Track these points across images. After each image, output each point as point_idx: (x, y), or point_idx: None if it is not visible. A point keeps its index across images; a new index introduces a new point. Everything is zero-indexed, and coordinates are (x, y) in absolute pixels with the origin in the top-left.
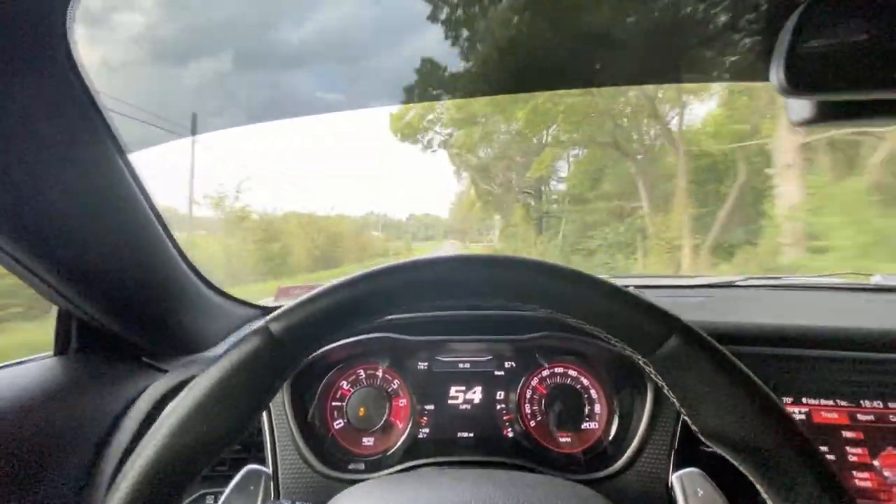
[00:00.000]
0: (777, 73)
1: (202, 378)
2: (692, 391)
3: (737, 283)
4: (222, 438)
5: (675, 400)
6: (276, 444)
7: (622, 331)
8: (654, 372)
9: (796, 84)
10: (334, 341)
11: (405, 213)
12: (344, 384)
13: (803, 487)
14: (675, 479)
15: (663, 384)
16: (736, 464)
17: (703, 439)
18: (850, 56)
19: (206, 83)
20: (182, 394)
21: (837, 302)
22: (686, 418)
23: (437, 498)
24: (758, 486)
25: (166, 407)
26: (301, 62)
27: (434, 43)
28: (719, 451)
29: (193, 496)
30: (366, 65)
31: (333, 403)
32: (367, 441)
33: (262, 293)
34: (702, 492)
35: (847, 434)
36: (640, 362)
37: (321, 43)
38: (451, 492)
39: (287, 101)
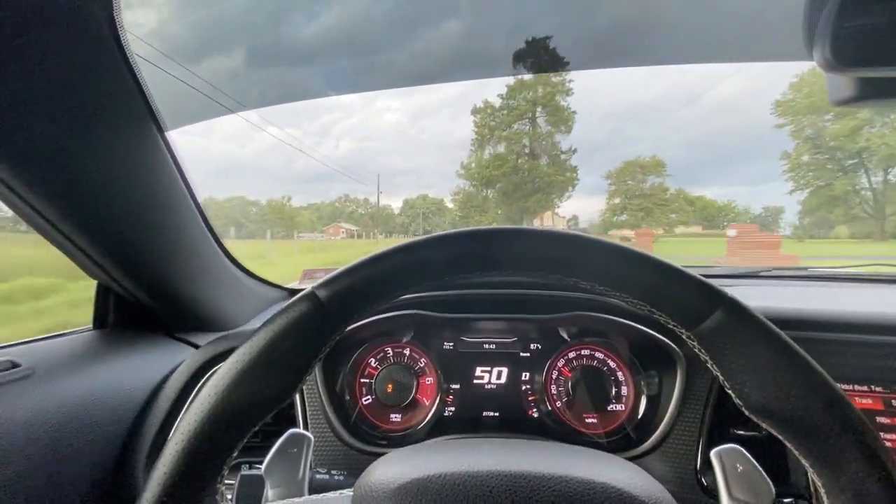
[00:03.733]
0: (822, 49)
1: (251, 341)
2: (737, 365)
3: (760, 274)
4: (271, 400)
5: (718, 374)
6: (308, 417)
7: (666, 305)
8: (697, 346)
9: (841, 59)
10: (378, 308)
11: (398, 198)
12: (372, 361)
13: (850, 463)
14: (713, 454)
15: (707, 358)
16: (782, 439)
17: (748, 414)
18: None
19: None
20: (232, 356)
21: (867, 292)
22: (730, 393)
23: (472, 463)
24: (803, 461)
25: (200, 381)
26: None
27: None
28: (765, 425)
29: (232, 464)
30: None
31: (362, 380)
32: (395, 417)
33: None
34: (741, 467)
35: (882, 420)
36: (684, 336)
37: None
38: (488, 457)
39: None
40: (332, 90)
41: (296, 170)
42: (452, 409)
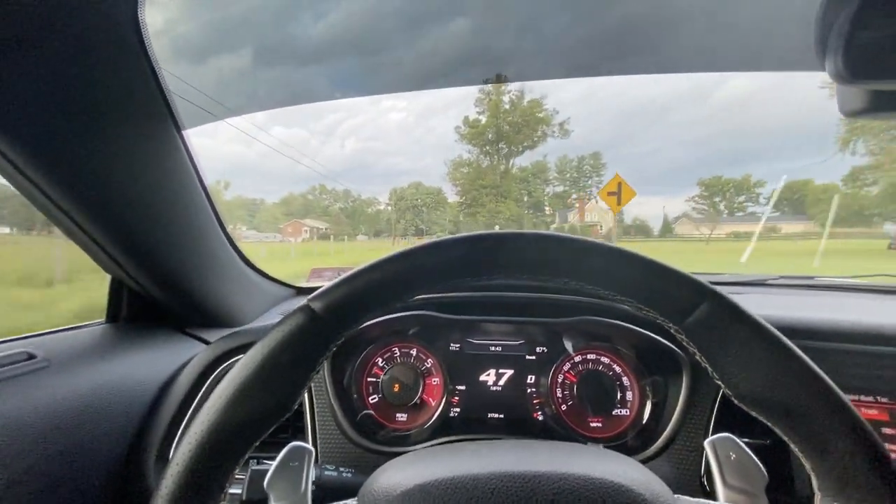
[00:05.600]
0: (834, 61)
1: (248, 356)
2: (724, 356)
3: (768, 282)
4: (270, 415)
5: (707, 365)
6: (316, 414)
7: (654, 300)
8: (686, 339)
9: (853, 72)
10: (375, 318)
11: (386, 186)
12: (379, 361)
13: (838, 447)
14: (706, 444)
15: (695, 351)
16: (771, 426)
17: (737, 403)
18: None
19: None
20: (230, 373)
21: (873, 303)
22: (720, 383)
23: (473, 466)
24: (793, 448)
25: (211, 377)
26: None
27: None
28: (754, 414)
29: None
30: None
31: (369, 379)
32: (401, 416)
33: None
34: (734, 456)
35: (887, 431)
36: (673, 330)
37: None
38: (489, 459)
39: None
40: (339, 92)
41: (298, 172)
42: (458, 409)
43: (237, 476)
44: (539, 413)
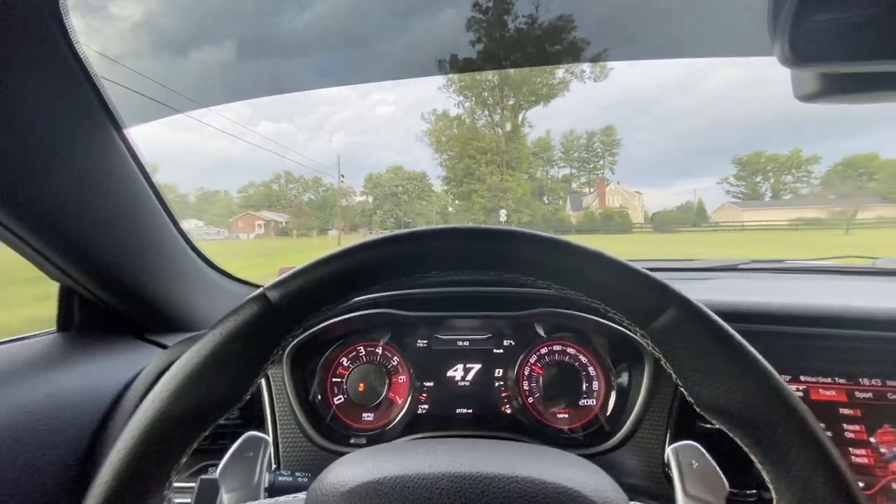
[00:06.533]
0: (781, 45)
1: (199, 344)
2: (688, 362)
3: (739, 266)
4: (219, 405)
5: (671, 372)
6: (277, 417)
7: (620, 303)
8: (650, 343)
9: (801, 56)
10: (332, 309)
11: (363, 168)
12: (344, 360)
13: (799, 462)
14: (670, 451)
15: (660, 356)
16: (732, 435)
17: (698, 411)
18: (859, 27)
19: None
20: (180, 360)
21: (840, 285)
22: (682, 390)
23: (423, 465)
24: (753, 458)
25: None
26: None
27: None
28: (715, 422)
29: (196, 467)
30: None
31: (333, 379)
32: (367, 416)
33: None
34: (697, 464)
35: (845, 411)
36: (638, 334)
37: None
38: (441, 458)
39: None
40: (325, 81)
41: (287, 166)
42: (426, 406)
43: (187, 485)
44: (507, 406)
